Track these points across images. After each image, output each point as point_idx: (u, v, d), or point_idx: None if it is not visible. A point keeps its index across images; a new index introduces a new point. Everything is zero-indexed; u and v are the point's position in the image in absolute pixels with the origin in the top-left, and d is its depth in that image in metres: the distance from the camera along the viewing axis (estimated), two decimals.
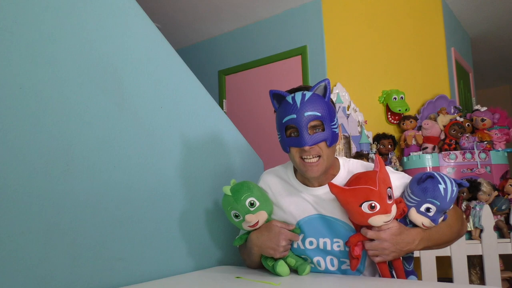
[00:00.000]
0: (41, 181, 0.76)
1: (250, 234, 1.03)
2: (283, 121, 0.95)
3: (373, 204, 0.87)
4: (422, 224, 0.93)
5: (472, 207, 1.88)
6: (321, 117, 0.93)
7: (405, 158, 2.31)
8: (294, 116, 0.92)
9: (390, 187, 0.93)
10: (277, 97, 0.98)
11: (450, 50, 2.87)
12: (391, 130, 2.55)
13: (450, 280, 1.77)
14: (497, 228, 1.88)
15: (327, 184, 0.98)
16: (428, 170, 2.18)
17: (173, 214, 1.10)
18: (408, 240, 0.91)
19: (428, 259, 1.75)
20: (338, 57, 2.63)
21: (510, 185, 1.97)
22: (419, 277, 1.77)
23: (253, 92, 3.04)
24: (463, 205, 1.90)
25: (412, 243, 0.91)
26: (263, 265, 1.06)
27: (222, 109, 1.92)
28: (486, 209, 1.80)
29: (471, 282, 1.88)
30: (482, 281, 1.87)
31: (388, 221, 0.90)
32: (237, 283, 0.90)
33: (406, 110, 2.48)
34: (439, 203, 0.90)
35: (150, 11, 1.28)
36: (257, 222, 0.99)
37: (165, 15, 2.96)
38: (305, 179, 1.04)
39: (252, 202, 0.98)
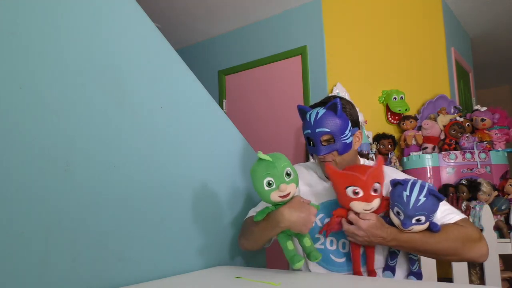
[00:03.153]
0: (41, 181, 0.76)
1: (279, 210, 1.00)
2: (304, 133, 1.16)
3: (356, 190, 0.98)
4: (398, 225, 1.00)
5: (472, 207, 1.88)
6: (330, 132, 1.09)
7: (405, 158, 2.31)
8: (309, 131, 1.12)
9: (380, 183, 1.01)
10: (302, 112, 1.18)
11: (450, 50, 2.87)
12: (391, 130, 2.55)
13: (450, 280, 1.77)
14: (497, 228, 1.88)
15: None
16: (428, 170, 2.18)
17: (173, 214, 1.10)
18: (382, 235, 0.99)
19: (428, 259, 1.75)
20: (338, 57, 2.63)
21: (510, 185, 1.97)
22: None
23: (253, 92, 3.04)
24: (463, 205, 1.91)
25: (385, 240, 1.00)
26: (260, 244, 1.11)
27: (222, 109, 1.92)
28: (486, 209, 1.80)
29: (471, 282, 1.88)
30: (482, 281, 1.87)
31: (368, 210, 1.00)
32: (237, 283, 0.90)
33: (406, 110, 2.48)
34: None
35: (150, 11, 1.28)
36: (289, 193, 0.99)
37: (165, 15, 2.96)
38: None
39: (288, 172, 1.00)
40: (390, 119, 2.57)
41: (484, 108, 2.33)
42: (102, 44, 0.93)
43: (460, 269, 1.72)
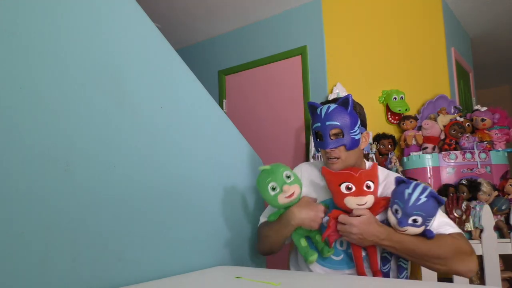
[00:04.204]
0: (41, 181, 0.76)
1: (289, 210, 1.11)
2: (313, 128, 1.18)
3: (349, 186, 1.03)
4: (394, 225, 1.01)
5: (472, 207, 1.88)
6: (340, 126, 1.11)
7: (405, 158, 2.31)
8: (319, 124, 1.13)
9: (373, 182, 1.06)
10: (312, 108, 1.20)
11: (450, 50, 2.87)
12: (391, 130, 2.55)
13: (450, 280, 1.77)
14: (497, 228, 1.88)
15: None
16: (428, 170, 2.18)
17: (173, 214, 1.10)
18: (374, 232, 1.00)
19: None
20: (338, 57, 2.63)
21: (510, 185, 1.97)
22: (420, 277, 1.76)
23: (253, 92, 3.04)
24: (463, 205, 1.91)
25: (377, 237, 1.01)
26: (278, 245, 1.18)
27: (222, 109, 1.92)
28: (486, 209, 1.80)
29: (471, 282, 1.88)
30: (482, 281, 1.87)
31: (361, 205, 1.02)
32: (237, 283, 0.90)
33: (406, 110, 2.48)
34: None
35: (150, 11, 1.28)
36: (293, 193, 1.09)
37: (165, 15, 2.96)
38: None
39: (288, 175, 1.11)
40: (390, 119, 2.57)
41: (484, 108, 2.32)
42: (102, 44, 0.93)
43: None
